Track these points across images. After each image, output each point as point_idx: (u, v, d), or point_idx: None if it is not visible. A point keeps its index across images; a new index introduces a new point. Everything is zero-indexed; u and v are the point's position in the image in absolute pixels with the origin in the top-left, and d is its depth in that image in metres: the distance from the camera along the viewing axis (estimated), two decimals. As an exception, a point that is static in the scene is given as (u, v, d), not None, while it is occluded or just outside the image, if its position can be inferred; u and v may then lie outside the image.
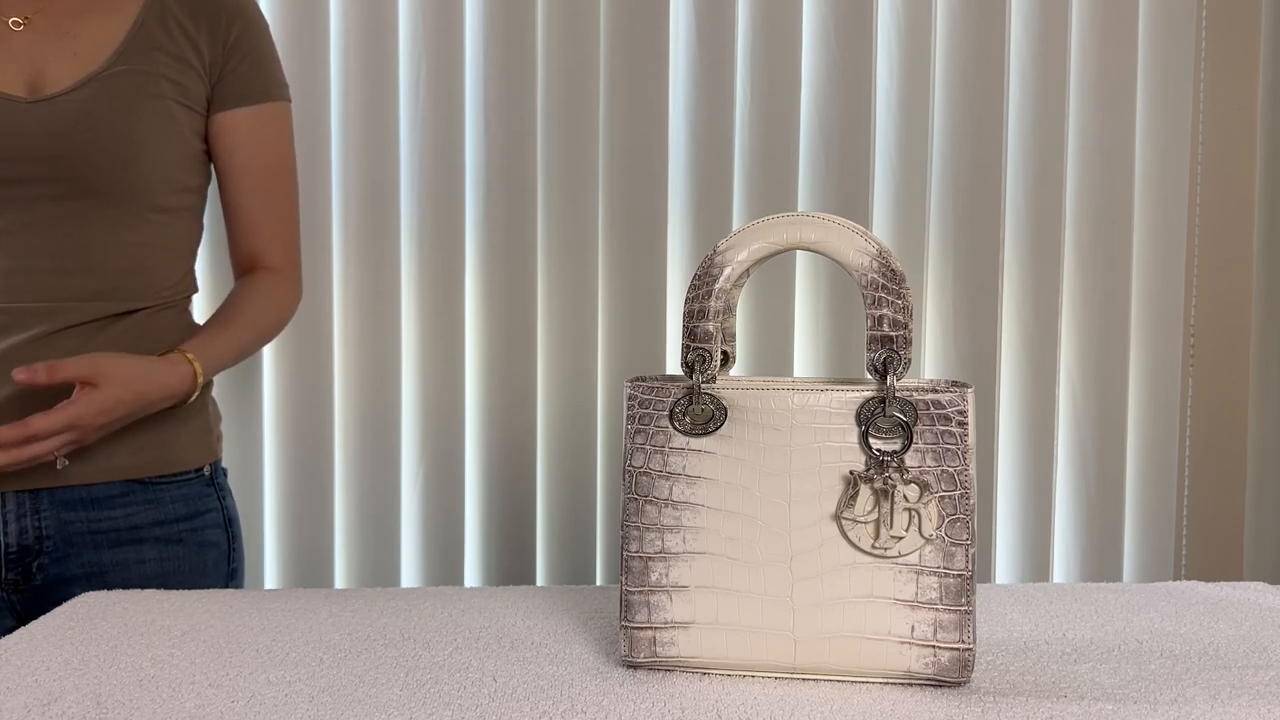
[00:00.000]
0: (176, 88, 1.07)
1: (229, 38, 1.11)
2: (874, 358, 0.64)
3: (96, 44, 1.05)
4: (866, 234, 0.65)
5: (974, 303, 1.53)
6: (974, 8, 1.50)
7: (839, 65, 1.50)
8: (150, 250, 1.08)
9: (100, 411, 0.95)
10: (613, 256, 1.51)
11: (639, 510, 0.67)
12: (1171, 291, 1.54)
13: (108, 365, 0.97)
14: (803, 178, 1.52)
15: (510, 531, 1.53)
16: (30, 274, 1.03)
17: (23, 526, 1.04)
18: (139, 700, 0.63)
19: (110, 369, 0.96)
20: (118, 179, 1.04)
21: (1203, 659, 0.71)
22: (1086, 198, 1.53)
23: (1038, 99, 1.52)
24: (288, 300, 1.18)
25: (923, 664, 0.64)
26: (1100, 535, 1.56)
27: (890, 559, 0.64)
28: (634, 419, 0.67)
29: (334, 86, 1.48)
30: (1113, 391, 1.55)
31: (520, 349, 1.51)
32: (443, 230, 1.50)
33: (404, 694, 0.64)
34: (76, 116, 1.02)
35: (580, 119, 1.49)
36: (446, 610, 0.82)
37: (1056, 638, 0.76)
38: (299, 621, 0.79)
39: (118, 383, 0.96)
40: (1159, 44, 1.52)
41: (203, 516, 1.11)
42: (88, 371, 0.95)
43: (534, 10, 1.48)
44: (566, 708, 0.62)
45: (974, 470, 0.64)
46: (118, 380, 0.96)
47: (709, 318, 0.67)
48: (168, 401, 1.03)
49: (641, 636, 0.67)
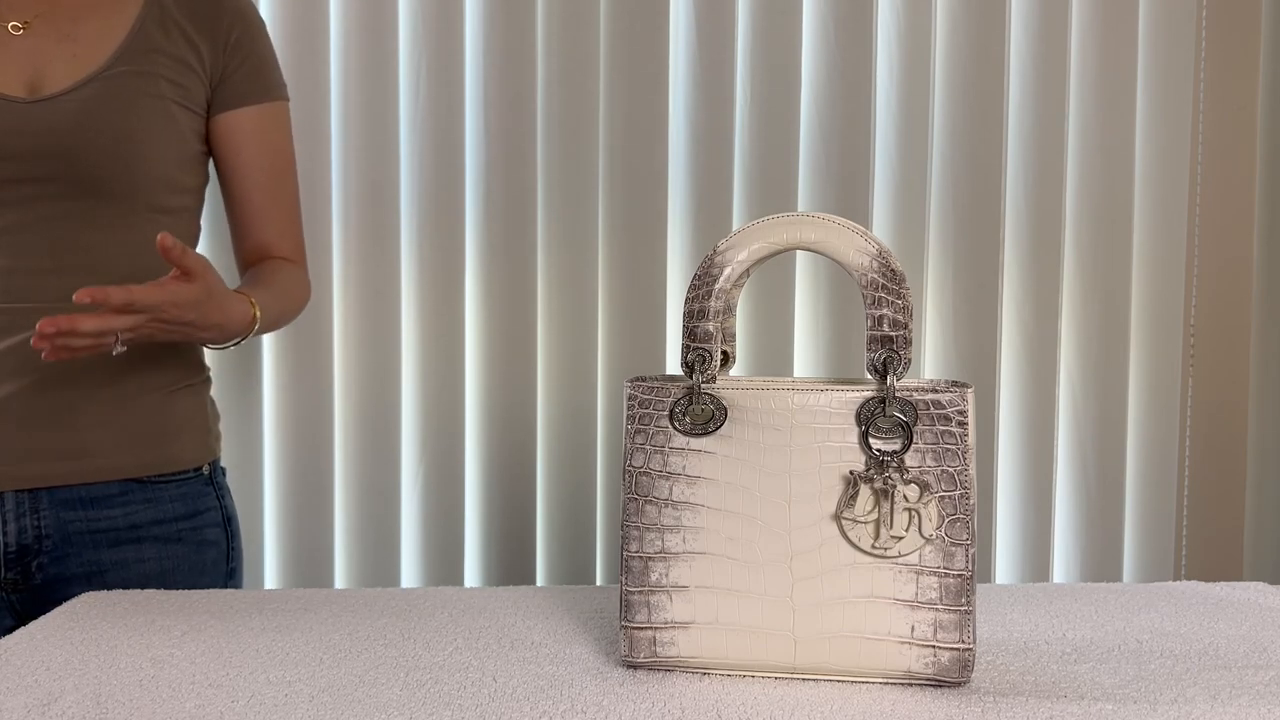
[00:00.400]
0: (176, 89, 1.08)
1: (229, 40, 1.11)
2: (874, 358, 0.64)
3: (96, 46, 1.05)
4: (866, 234, 0.65)
5: (974, 303, 1.53)
6: (974, 8, 1.50)
7: (839, 65, 1.50)
8: (149, 250, 1.08)
9: (183, 304, 0.94)
10: (613, 256, 1.51)
11: (639, 510, 0.67)
12: (1171, 291, 1.54)
13: (210, 271, 0.97)
14: (803, 178, 1.52)
15: (510, 531, 1.53)
16: (30, 273, 1.03)
17: (22, 526, 1.04)
18: (139, 700, 0.63)
19: (210, 274, 0.97)
20: (117, 178, 1.04)
21: (1203, 659, 0.71)
22: (1086, 198, 1.53)
23: (1038, 99, 1.52)
24: (306, 287, 1.20)
25: (923, 664, 0.64)
26: (1100, 535, 1.56)
27: (890, 559, 0.64)
28: (634, 419, 0.67)
29: (334, 86, 1.48)
30: (1113, 391, 1.55)
31: (520, 349, 1.51)
32: (443, 230, 1.50)
33: (404, 694, 0.64)
34: (76, 116, 1.02)
35: (580, 119, 1.49)
36: (446, 610, 0.82)
37: (1056, 638, 0.76)
38: (299, 621, 0.79)
39: (207, 288, 0.96)
40: (1159, 44, 1.52)
41: (202, 515, 1.11)
42: (198, 266, 0.95)
43: (534, 10, 1.48)
44: (566, 708, 0.62)
45: (974, 470, 0.64)
46: (209, 286, 0.96)
47: (709, 318, 0.67)
48: (219, 332, 1.02)
49: (641, 636, 0.67)
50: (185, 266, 0.93)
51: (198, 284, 0.95)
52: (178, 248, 0.92)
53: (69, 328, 0.88)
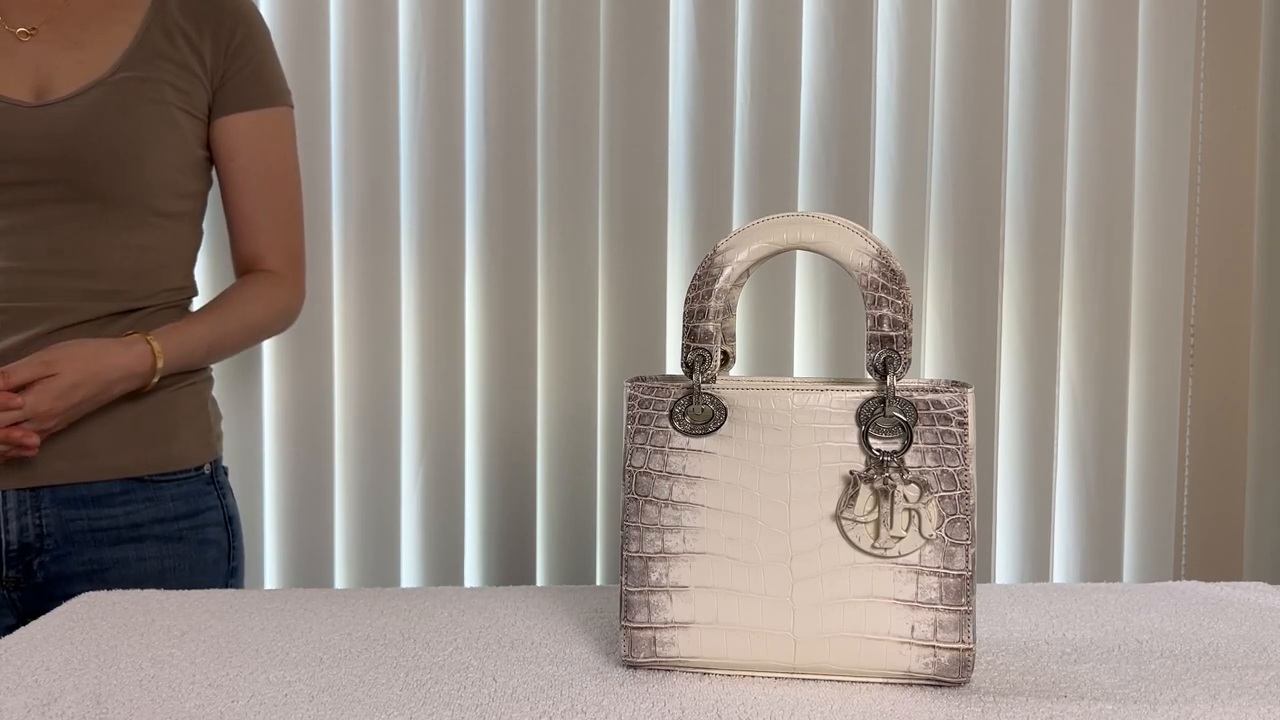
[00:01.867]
0: (179, 94, 1.08)
1: (231, 44, 1.11)
2: (874, 358, 0.64)
3: (102, 52, 1.06)
4: (866, 234, 0.65)
5: (974, 303, 1.53)
6: (974, 7, 1.50)
7: (839, 65, 1.50)
8: (151, 253, 1.08)
9: (56, 397, 0.96)
10: (613, 256, 1.51)
11: (639, 510, 0.67)
12: (1171, 291, 1.54)
13: (58, 353, 0.98)
14: (803, 178, 1.52)
15: (510, 531, 1.53)
16: (32, 274, 1.03)
17: (23, 524, 1.04)
18: (139, 700, 0.63)
19: (61, 355, 0.98)
20: (120, 182, 1.04)
21: (1203, 659, 0.71)
22: (1086, 198, 1.53)
23: (1038, 99, 1.52)
24: (279, 301, 1.17)
25: (923, 664, 0.64)
26: (1100, 535, 1.56)
27: (890, 559, 0.64)
28: (634, 419, 0.67)
29: (334, 86, 1.48)
30: (1113, 391, 1.55)
31: (520, 349, 1.51)
32: (443, 230, 1.50)
33: (404, 694, 0.64)
34: (80, 120, 1.02)
35: (580, 119, 1.49)
36: (446, 610, 0.82)
37: (1056, 638, 0.76)
38: (299, 621, 0.79)
39: (71, 367, 0.97)
40: (1159, 44, 1.52)
41: (203, 515, 1.12)
42: (40, 369, 0.96)
43: (534, 10, 1.48)
44: (566, 708, 0.62)
45: (974, 470, 0.64)
46: (70, 364, 0.97)
47: (709, 318, 0.67)
48: (127, 383, 1.03)
49: (641, 636, 0.67)
50: (20, 383, 0.95)
51: (60, 373, 0.97)
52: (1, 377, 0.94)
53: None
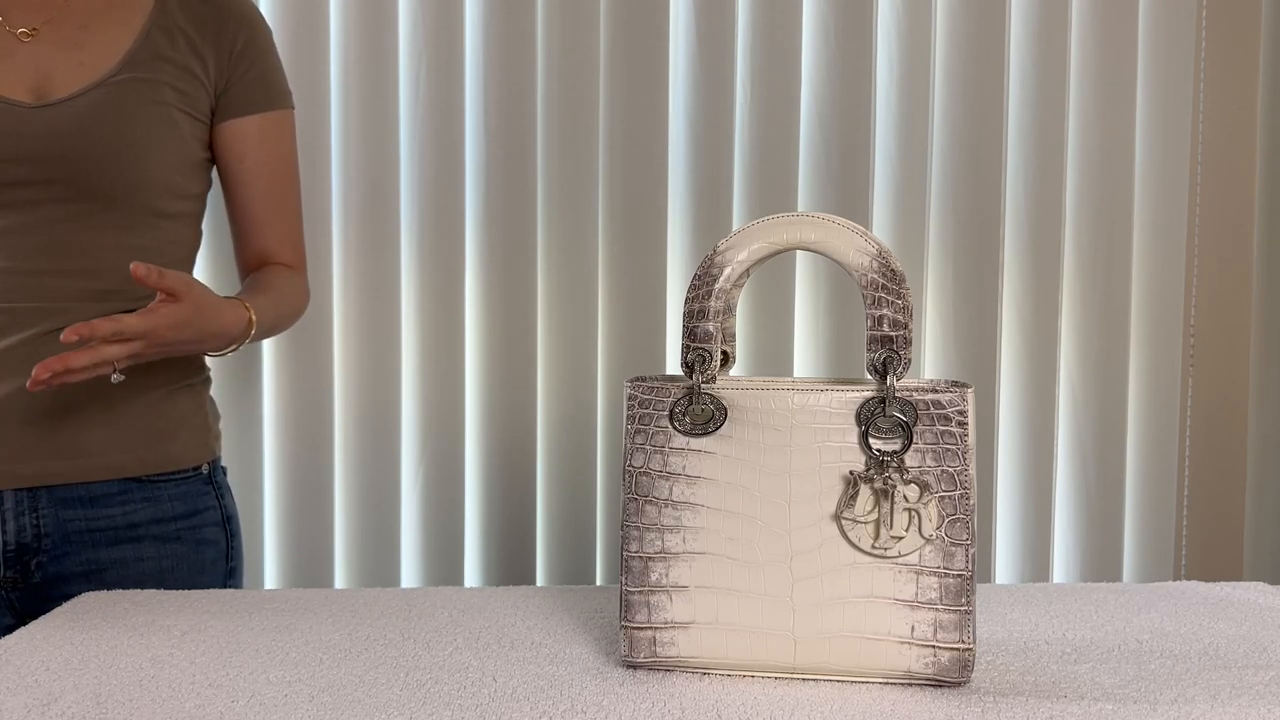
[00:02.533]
0: (180, 96, 1.08)
1: (235, 47, 1.12)
2: (874, 358, 0.64)
3: (102, 54, 1.06)
4: (866, 234, 0.65)
5: (974, 303, 1.53)
6: (974, 7, 1.50)
7: (839, 65, 1.50)
8: (150, 254, 1.08)
9: (174, 325, 0.95)
10: (613, 256, 1.51)
11: (639, 510, 0.67)
12: (1171, 291, 1.54)
13: (195, 285, 0.97)
14: (803, 178, 1.51)
15: (510, 531, 1.53)
16: (31, 274, 1.03)
17: (21, 524, 1.04)
18: (139, 700, 0.63)
19: (195, 289, 0.97)
20: (119, 182, 1.04)
21: (1203, 659, 0.71)
22: (1086, 198, 1.53)
23: (1038, 99, 1.52)
24: (304, 293, 1.20)
25: (923, 664, 0.64)
26: (1100, 535, 1.56)
27: (890, 559, 0.64)
28: (634, 419, 0.67)
29: (334, 87, 1.48)
30: (1113, 391, 1.55)
31: (520, 349, 1.51)
32: (443, 230, 1.50)
33: (404, 694, 0.64)
34: (80, 120, 1.02)
35: (580, 119, 1.49)
36: (446, 610, 0.82)
37: (1056, 638, 0.76)
38: (299, 621, 0.79)
39: (195, 304, 0.96)
40: (1159, 44, 1.52)
41: (201, 515, 1.12)
42: (181, 285, 0.95)
43: (534, 10, 1.48)
44: (566, 708, 0.62)
45: (974, 470, 0.64)
46: (196, 301, 0.96)
47: (709, 318, 0.67)
48: (219, 341, 1.03)
49: (641, 636, 0.67)
50: (166, 289, 0.94)
51: (185, 303, 0.95)
52: (153, 274, 0.92)
53: (62, 368, 0.89)
